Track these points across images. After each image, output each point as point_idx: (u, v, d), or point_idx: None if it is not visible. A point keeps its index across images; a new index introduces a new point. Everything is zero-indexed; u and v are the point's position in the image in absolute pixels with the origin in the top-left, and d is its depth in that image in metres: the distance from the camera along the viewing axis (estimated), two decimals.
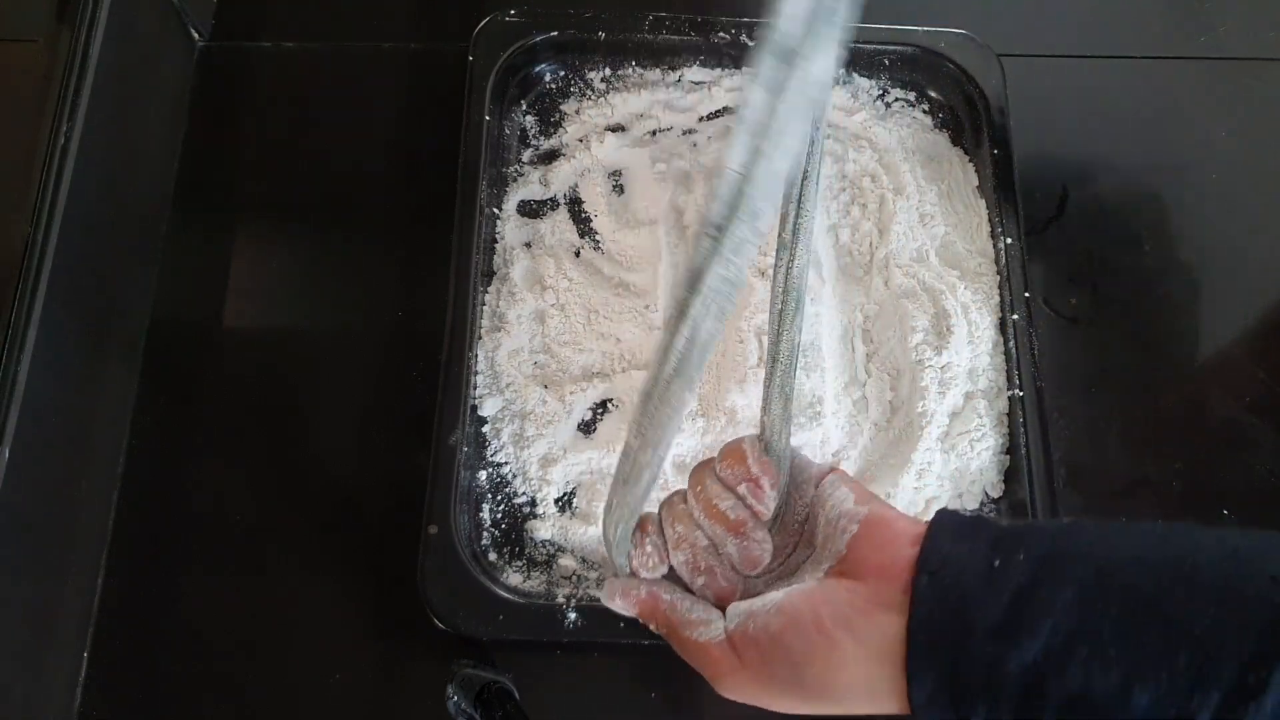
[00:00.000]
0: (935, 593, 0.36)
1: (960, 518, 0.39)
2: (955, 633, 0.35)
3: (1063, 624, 0.33)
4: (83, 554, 0.57)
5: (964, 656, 0.34)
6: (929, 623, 0.35)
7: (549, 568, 0.57)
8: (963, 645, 0.34)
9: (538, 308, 0.62)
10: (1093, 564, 0.34)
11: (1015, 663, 0.33)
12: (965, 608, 0.35)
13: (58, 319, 0.53)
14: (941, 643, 0.35)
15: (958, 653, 0.34)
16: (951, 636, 0.35)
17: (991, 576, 0.35)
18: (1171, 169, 0.69)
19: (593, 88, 0.69)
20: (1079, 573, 0.34)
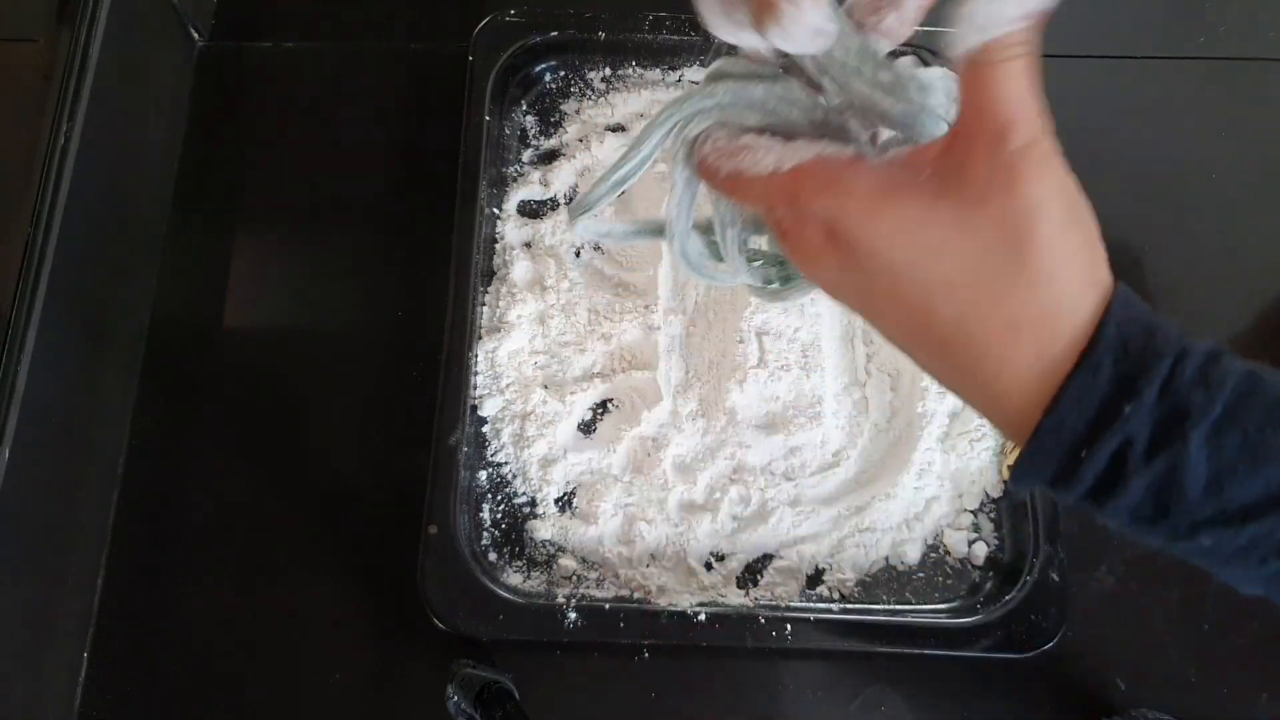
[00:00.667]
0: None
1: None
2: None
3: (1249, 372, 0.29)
4: (83, 554, 0.57)
5: (1155, 320, 0.30)
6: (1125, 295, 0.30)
7: (549, 568, 0.57)
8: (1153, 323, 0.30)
9: (538, 308, 0.62)
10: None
11: (1203, 345, 0.29)
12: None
13: (58, 319, 0.53)
14: (1140, 307, 0.30)
15: (1151, 316, 0.30)
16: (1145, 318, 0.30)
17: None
18: (1171, 169, 0.69)
19: (593, 88, 0.69)
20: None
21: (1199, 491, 0.28)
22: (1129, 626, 0.57)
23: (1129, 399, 0.28)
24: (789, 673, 0.56)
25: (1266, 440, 0.28)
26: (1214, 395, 0.28)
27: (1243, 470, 0.28)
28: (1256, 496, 0.28)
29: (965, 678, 0.56)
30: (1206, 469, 0.28)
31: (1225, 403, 0.28)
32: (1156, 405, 0.28)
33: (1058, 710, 0.56)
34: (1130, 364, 0.29)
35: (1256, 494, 0.28)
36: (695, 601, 0.54)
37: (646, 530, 0.57)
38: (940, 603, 0.56)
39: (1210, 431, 0.28)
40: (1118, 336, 0.29)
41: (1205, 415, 0.28)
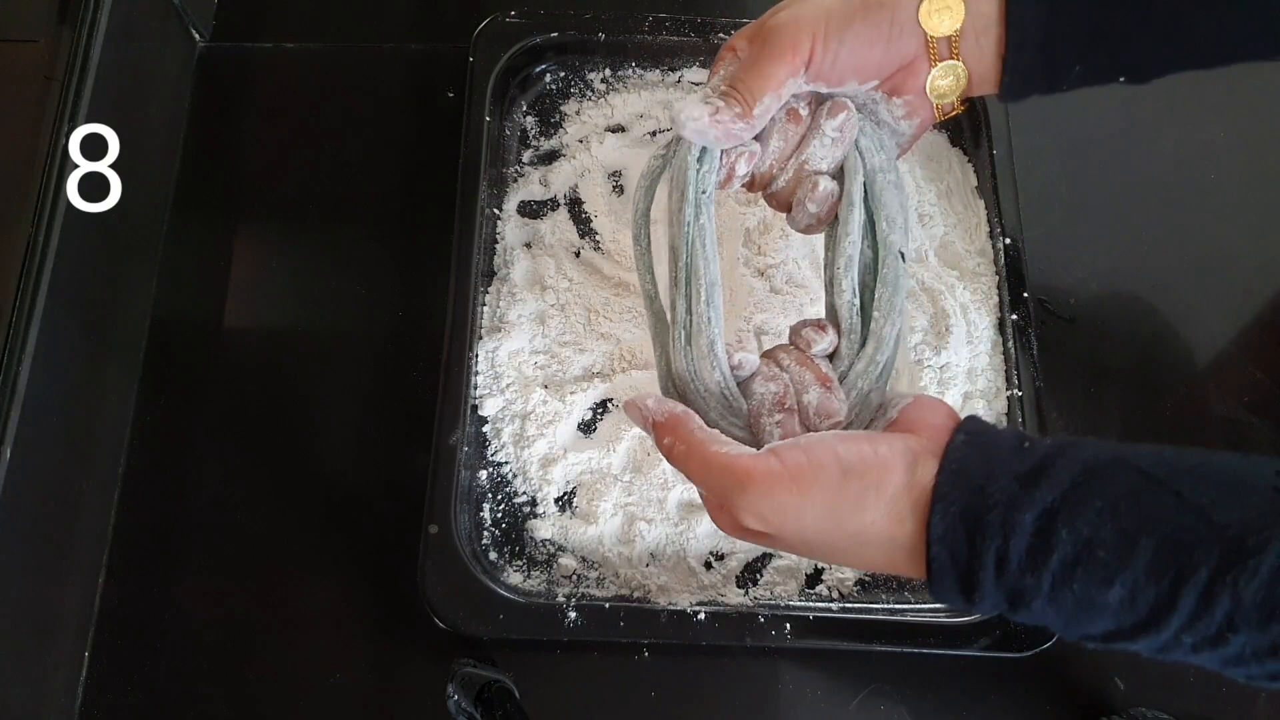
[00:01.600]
0: (970, 443, 0.39)
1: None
2: (982, 474, 0.37)
3: (1081, 482, 0.36)
4: (83, 554, 0.57)
5: (989, 487, 0.37)
6: (961, 459, 0.38)
7: (549, 567, 0.57)
8: (989, 480, 0.37)
9: (538, 308, 0.62)
10: (1113, 452, 0.37)
11: (1033, 503, 0.36)
12: (994, 457, 0.38)
13: (58, 319, 0.53)
14: (969, 475, 0.37)
15: (984, 482, 0.37)
16: (979, 474, 0.37)
17: (1020, 444, 0.38)
18: (1171, 168, 0.69)
19: (593, 88, 0.69)
20: (1100, 453, 0.37)
21: (1062, 628, 0.37)
22: None
23: (975, 592, 0.37)
24: (788, 672, 0.56)
25: (1092, 597, 0.35)
26: (1040, 576, 0.36)
27: (1084, 619, 0.36)
28: (1101, 632, 0.36)
29: (964, 677, 0.56)
30: (1059, 619, 0.37)
31: (1053, 576, 0.35)
32: (997, 590, 0.37)
33: (1057, 709, 0.56)
34: (965, 568, 0.37)
35: (1100, 631, 0.36)
36: (695, 601, 0.55)
37: (646, 530, 0.57)
38: (939, 602, 0.56)
39: (1047, 599, 0.36)
40: (945, 554, 0.37)
41: (1037, 592, 0.36)
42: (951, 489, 0.37)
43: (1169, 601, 0.34)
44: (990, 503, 0.36)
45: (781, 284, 0.61)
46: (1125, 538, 0.34)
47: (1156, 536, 0.34)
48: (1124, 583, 0.34)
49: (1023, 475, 0.36)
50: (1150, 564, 0.34)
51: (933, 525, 0.37)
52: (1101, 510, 0.35)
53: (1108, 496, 0.35)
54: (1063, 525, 0.35)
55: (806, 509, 0.39)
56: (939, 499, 0.37)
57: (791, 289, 0.61)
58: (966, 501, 0.37)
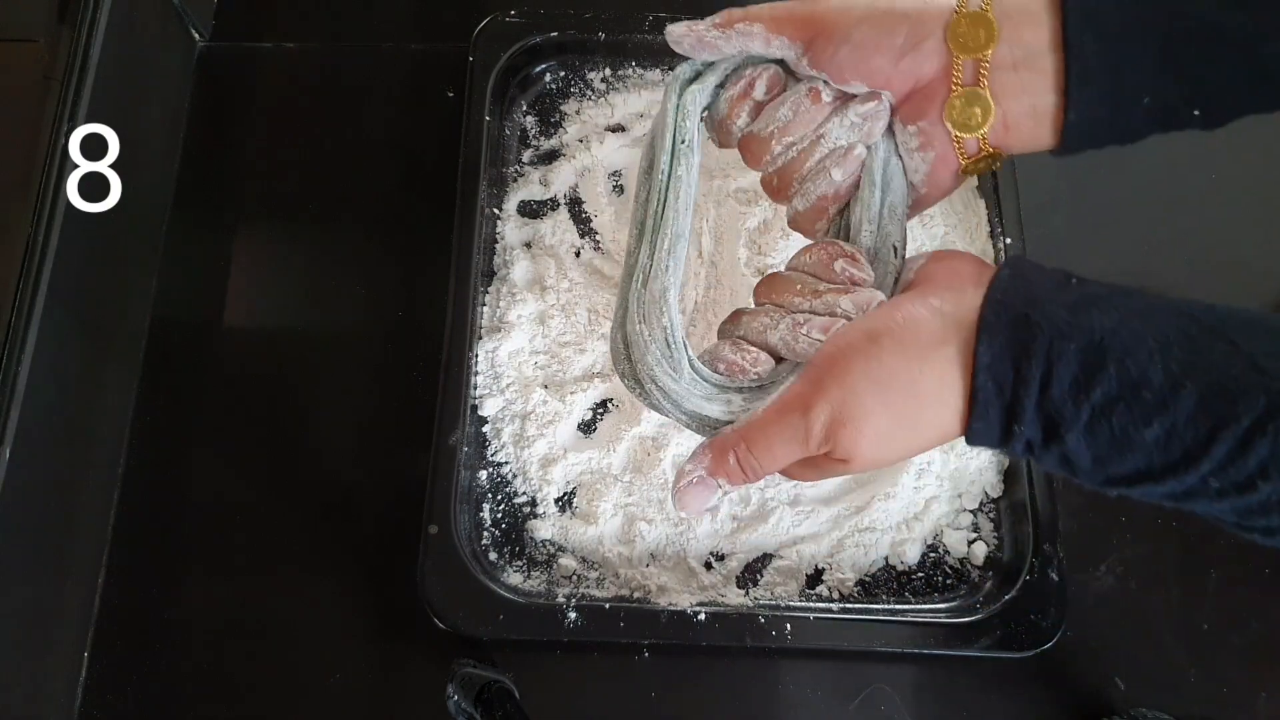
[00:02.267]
0: (1015, 274, 0.38)
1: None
2: (1028, 301, 0.36)
3: (1132, 319, 0.35)
4: (83, 553, 0.57)
5: (1036, 314, 0.36)
6: (1005, 289, 0.37)
7: (549, 567, 0.57)
8: (1035, 307, 0.36)
9: (538, 308, 0.62)
10: (1165, 299, 0.37)
11: (1081, 332, 0.35)
12: (1041, 289, 0.37)
13: (58, 319, 0.53)
14: (1014, 305, 0.36)
15: (1030, 310, 0.36)
16: (1025, 301, 0.36)
17: (1068, 279, 0.38)
18: (1171, 169, 0.69)
19: (593, 88, 0.69)
20: (1152, 299, 0.37)
21: (1088, 467, 0.36)
22: (1128, 626, 0.57)
23: (1017, 421, 0.36)
24: (788, 672, 0.56)
25: (1129, 434, 0.35)
26: (1080, 406, 0.35)
27: (1115, 456, 0.35)
28: (1129, 472, 0.36)
29: (964, 677, 0.56)
30: (1088, 455, 0.36)
31: (1093, 408, 0.35)
32: (1036, 415, 0.36)
33: (1056, 709, 0.56)
34: (1009, 394, 0.36)
35: (1129, 470, 0.36)
36: (695, 601, 0.55)
37: (646, 530, 0.57)
38: (939, 602, 0.56)
39: (1083, 431, 0.35)
40: (992, 384, 0.36)
41: (1075, 422, 0.35)
42: (996, 319, 0.36)
43: (1204, 445, 0.34)
44: (1036, 331, 0.35)
45: None
46: (1172, 381, 0.34)
47: (1203, 383, 0.34)
48: (1163, 423, 0.34)
49: (1071, 305, 0.36)
50: (1194, 410, 0.34)
51: (979, 354, 0.36)
52: (1152, 351, 0.34)
53: (1159, 337, 0.35)
54: (1111, 361, 0.35)
55: (856, 385, 0.38)
56: (984, 329, 0.36)
57: None
58: (1012, 331, 0.36)
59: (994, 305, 0.37)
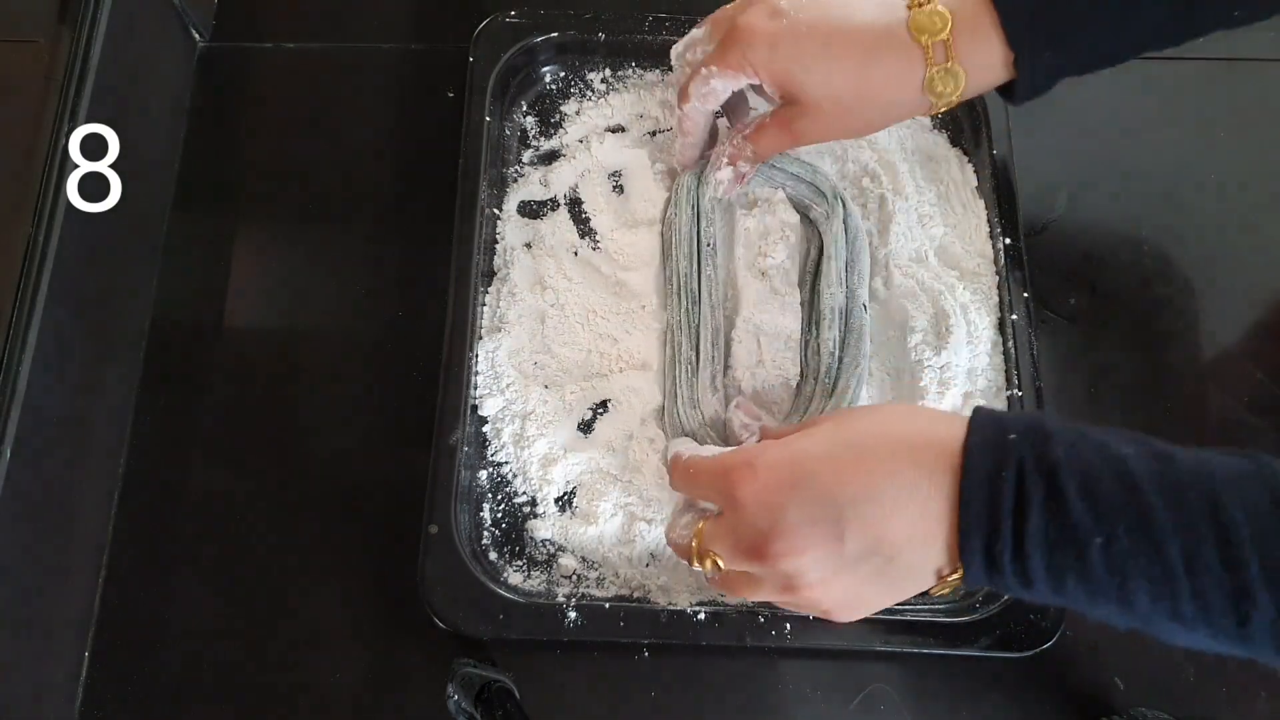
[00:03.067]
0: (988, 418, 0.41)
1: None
2: (1006, 435, 0.40)
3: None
4: (83, 554, 0.57)
5: (1026, 443, 0.39)
6: (986, 426, 0.40)
7: (549, 567, 0.57)
8: (1015, 438, 0.40)
9: (538, 308, 0.62)
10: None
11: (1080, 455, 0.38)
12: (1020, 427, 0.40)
13: (58, 319, 0.53)
14: (998, 438, 0.40)
15: (1026, 439, 0.39)
16: (1007, 436, 0.40)
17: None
18: (1171, 169, 0.69)
19: (593, 88, 0.69)
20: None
21: (1075, 491, 0.37)
22: None
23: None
24: (788, 671, 0.56)
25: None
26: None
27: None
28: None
29: (964, 676, 0.56)
30: (1076, 475, 0.38)
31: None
32: (1028, 437, 0.39)
33: (1056, 709, 0.56)
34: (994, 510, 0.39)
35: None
36: (695, 601, 0.55)
37: (646, 530, 0.57)
38: (939, 601, 0.56)
39: (1069, 446, 0.39)
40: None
41: (1064, 438, 0.39)
42: (981, 432, 0.40)
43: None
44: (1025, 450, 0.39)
45: (780, 285, 0.61)
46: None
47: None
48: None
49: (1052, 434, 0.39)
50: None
51: (969, 464, 0.39)
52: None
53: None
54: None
55: (805, 446, 0.42)
56: (970, 446, 0.40)
57: (789, 289, 0.61)
58: (1000, 447, 0.39)
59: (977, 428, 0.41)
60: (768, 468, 0.42)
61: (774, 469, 0.42)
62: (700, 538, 0.46)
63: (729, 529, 0.44)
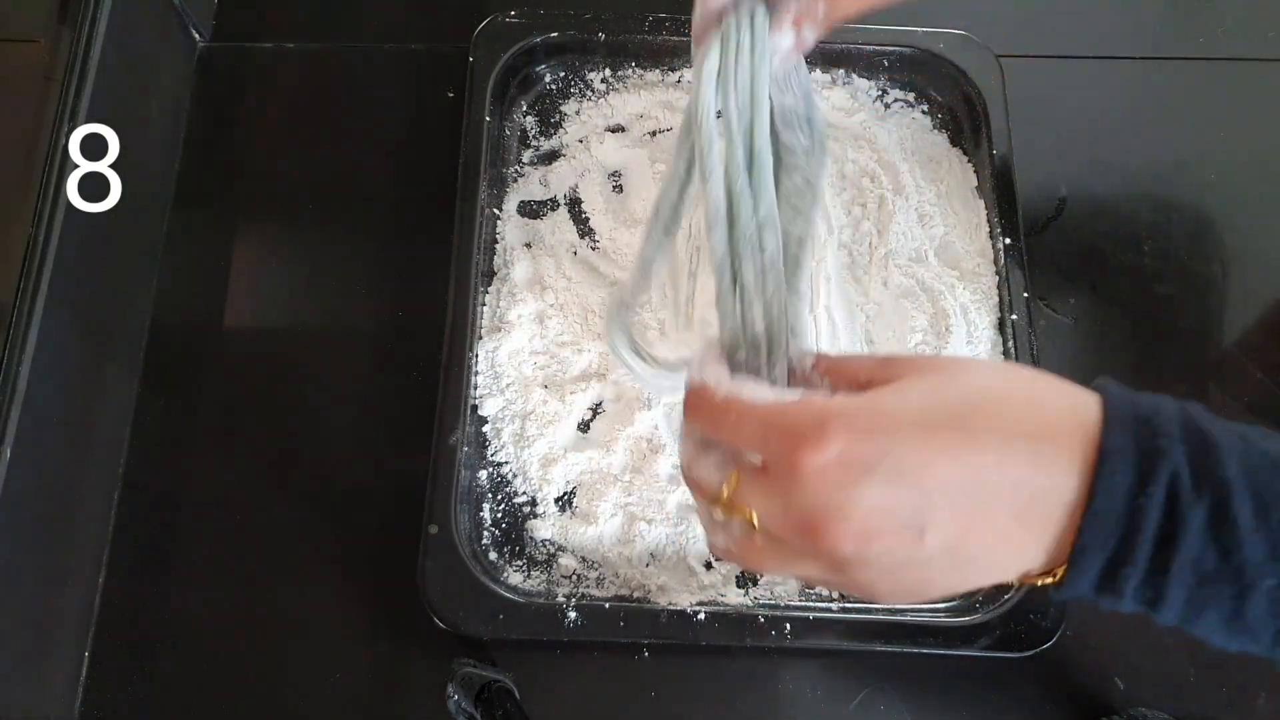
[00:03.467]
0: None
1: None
2: (1146, 415, 0.32)
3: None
4: (83, 554, 0.57)
5: (1158, 417, 0.32)
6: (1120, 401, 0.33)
7: (549, 567, 0.57)
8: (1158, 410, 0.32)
9: (538, 308, 0.62)
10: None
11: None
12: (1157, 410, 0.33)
13: (59, 319, 0.53)
14: (1145, 438, 0.32)
15: (1153, 412, 0.32)
16: (1143, 416, 0.32)
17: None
18: (1171, 169, 0.69)
19: (593, 88, 0.69)
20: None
21: (1250, 520, 0.30)
22: (1128, 626, 0.57)
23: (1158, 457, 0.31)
24: (788, 672, 0.56)
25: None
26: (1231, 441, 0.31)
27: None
28: None
29: (964, 677, 0.56)
30: (1250, 499, 0.30)
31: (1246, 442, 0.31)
32: (1184, 445, 0.31)
33: (1056, 709, 0.56)
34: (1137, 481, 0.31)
35: None
36: (695, 601, 0.55)
37: (646, 530, 0.57)
38: (939, 602, 0.56)
39: (1240, 462, 0.31)
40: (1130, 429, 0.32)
41: (1233, 450, 0.31)
42: (1119, 412, 0.32)
43: None
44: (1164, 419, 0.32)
45: None
46: None
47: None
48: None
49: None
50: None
51: (1106, 445, 0.31)
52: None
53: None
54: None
55: (892, 423, 0.32)
56: (1109, 424, 0.32)
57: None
58: (1137, 421, 0.32)
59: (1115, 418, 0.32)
60: (845, 435, 0.32)
61: (853, 438, 0.32)
62: (735, 486, 0.36)
63: (779, 493, 0.34)
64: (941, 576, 0.34)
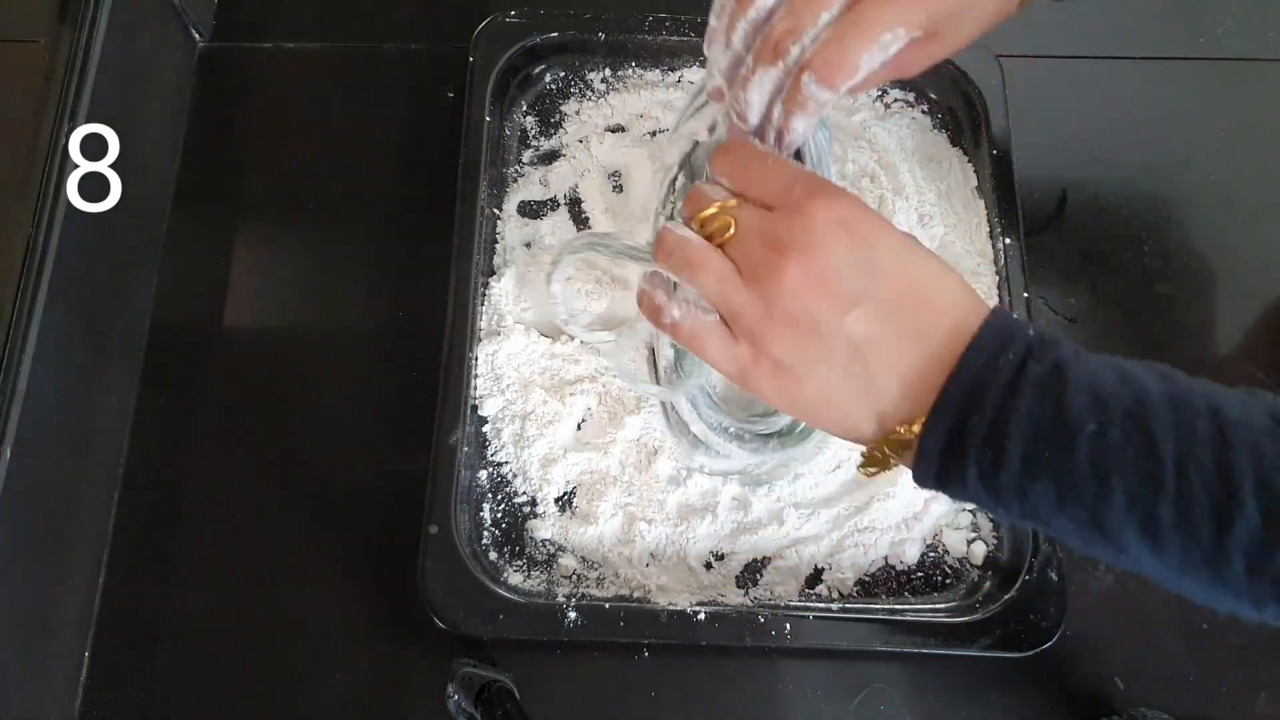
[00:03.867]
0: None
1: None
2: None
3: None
4: (83, 554, 0.57)
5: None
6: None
7: (549, 567, 0.57)
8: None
9: None
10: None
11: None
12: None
13: (59, 319, 0.53)
14: (1014, 324, 0.39)
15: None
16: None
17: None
18: (1171, 169, 0.69)
19: (593, 88, 0.69)
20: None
21: (1082, 380, 0.36)
22: (1128, 625, 0.57)
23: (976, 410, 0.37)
24: (788, 672, 0.56)
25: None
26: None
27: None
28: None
29: (964, 676, 0.56)
30: (1083, 367, 0.37)
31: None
32: (1037, 332, 0.38)
33: (1056, 709, 0.56)
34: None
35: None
36: (695, 601, 0.55)
37: (646, 530, 0.57)
38: (939, 602, 0.56)
39: (1075, 351, 0.38)
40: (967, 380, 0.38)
41: (1072, 345, 0.38)
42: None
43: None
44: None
45: None
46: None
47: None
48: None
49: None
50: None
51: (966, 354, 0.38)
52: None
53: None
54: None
55: (887, 233, 0.40)
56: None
57: None
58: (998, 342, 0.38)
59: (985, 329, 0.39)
60: (855, 209, 0.40)
61: (860, 215, 0.40)
62: (732, 205, 0.42)
63: (774, 220, 0.40)
64: (831, 373, 0.40)
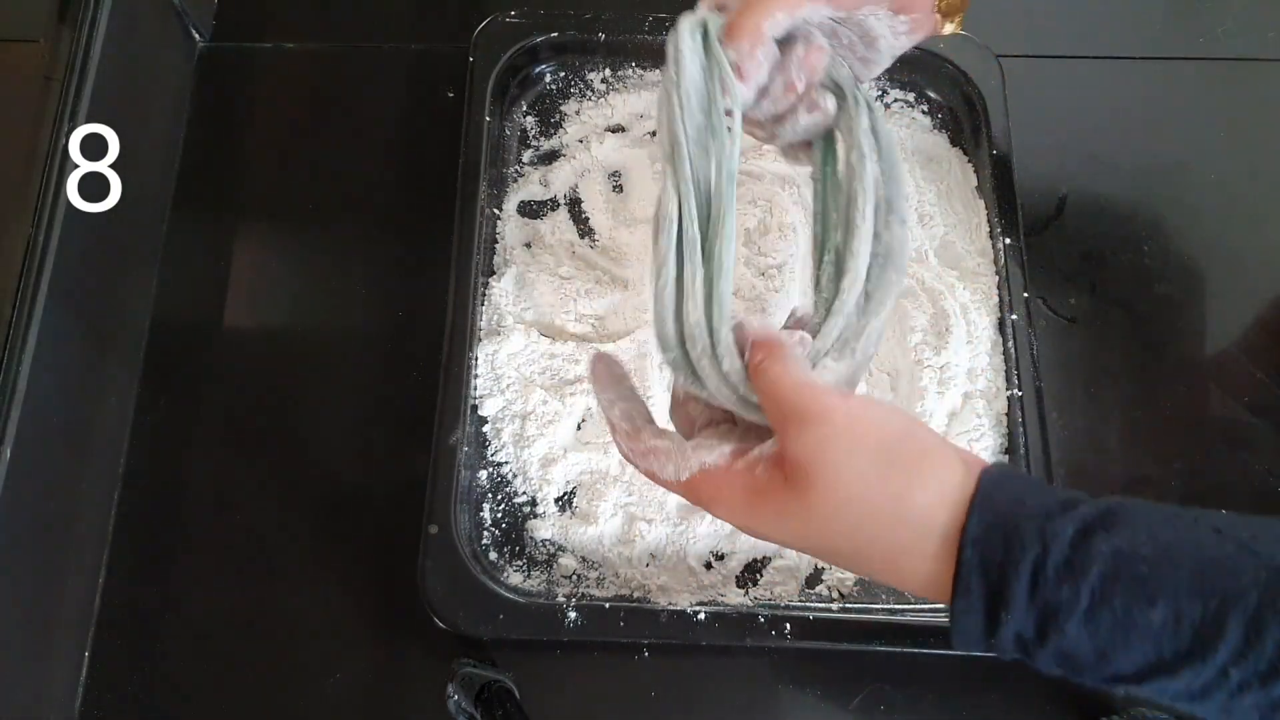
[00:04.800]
0: (1003, 470, 0.38)
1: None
2: (1019, 491, 0.36)
3: (1117, 508, 0.35)
4: (83, 554, 0.57)
5: (1028, 500, 0.36)
6: (997, 479, 0.37)
7: (549, 567, 0.57)
8: (1027, 495, 0.36)
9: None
10: (1144, 502, 0.36)
11: (1070, 519, 0.35)
12: (1028, 483, 0.38)
13: (59, 319, 0.53)
14: (1006, 489, 0.36)
15: (1023, 496, 0.36)
16: (1017, 491, 0.36)
17: (1048, 482, 0.39)
18: (1171, 169, 0.69)
19: (593, 88, 0.69)
20: (1131, 500, 0.36)
21: (1091, 661, 0.34)
22: None
23: (1004, 609, 0.35)
24: (788, 672, 0.56)
25: (1134, 618, 0.33)
26: (1079, 587, 0.33)
27: (1121, 645, 0.33)
28: (1137, 666, 0.34)
29: (964, 676, 0.56)
30: (1090, 646, 0.34)
31: (1092, 590, 0.33)
32: (1029, 606, 0.34)
33: (1057, 710, 0.56)
34: (996, 576, 0.35)
35: (1137, 664, 0.33)
36: (695, 601, 0.55)
37: (646, 530, 0.57)
38: (939, 602, 0.56)
39: (1083, 618, 0.33)
40: (977, 557, 0.35)
41: (1074, 608, 0.33)
42: (988, 497, 0.36)
43: (1216, 625, 0.32)
44: (1028, 513, 0.35)
45: (782, 284, 0.61)
46: (1167, 554, 0.33)
47: (1199, 558, 0.33)
48: (1167, 601, 0.32)
49: (1060, 500, 0.36)
50: (1192, 583, 0.32)
51: (969, 526, 0.35)
52: (1139, 529, 0.34)
53: (1145, 523, 0.34)
54: (1101, 540, 0.34)
55: (858, 452, 0.36)
56: (976, 505, 0.36)
57: (792, 287, 0.61)
58: (1004, 510, 0.35)
59: (987, 485, 0.36)
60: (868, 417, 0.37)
61: (872, 420, 0.37)
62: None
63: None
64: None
